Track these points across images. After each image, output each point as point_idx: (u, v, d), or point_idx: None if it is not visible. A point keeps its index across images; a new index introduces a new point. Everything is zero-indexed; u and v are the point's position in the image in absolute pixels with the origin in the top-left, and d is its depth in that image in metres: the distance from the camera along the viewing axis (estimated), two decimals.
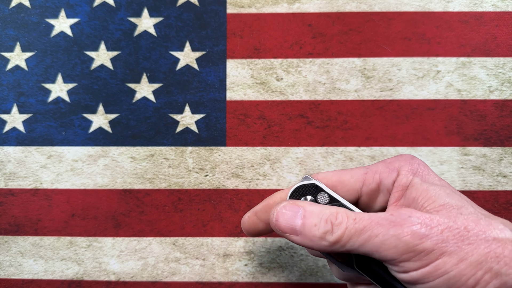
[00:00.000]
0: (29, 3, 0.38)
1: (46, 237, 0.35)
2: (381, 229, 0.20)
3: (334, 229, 0.21)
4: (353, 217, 0.21)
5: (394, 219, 0.20)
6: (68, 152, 0.36)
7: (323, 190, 0.25)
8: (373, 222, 0.21)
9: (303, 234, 0.22)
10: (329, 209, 0.22)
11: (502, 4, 0.36)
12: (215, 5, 0.37)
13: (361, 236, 0.21)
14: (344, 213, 0.22)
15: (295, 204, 0.23)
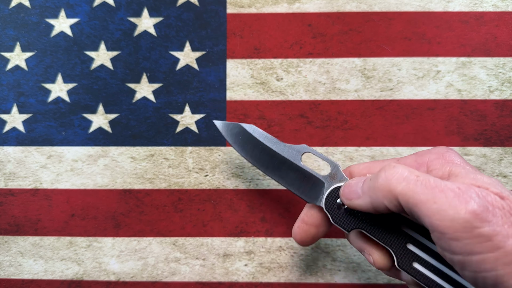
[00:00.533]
0: (29, 3, 0.38)
1: (46, 237, 0.35)
2: (443, 197, 0.19)
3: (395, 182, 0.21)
4: (417, 173, 0.20)
5: (460, 193, 0.19)
6: (68, 152, 0.36)
7: None
8: (436, 187, 0.19)
9: (365, 192, 0.23)
10: (414, 172, 0.22)
11: (502, 4, 0.36)
12: (215, 5, 0.37)
13: (419, 196, 0.19)
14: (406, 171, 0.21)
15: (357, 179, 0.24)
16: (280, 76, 0.36)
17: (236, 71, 0.36)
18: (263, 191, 0.35)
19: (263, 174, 0.35)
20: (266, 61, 0.36)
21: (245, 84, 0.36)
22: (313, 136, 0.35)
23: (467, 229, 0.18)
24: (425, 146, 0.35)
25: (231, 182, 0.35)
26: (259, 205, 0.35)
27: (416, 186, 0.20)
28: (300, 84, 0.36)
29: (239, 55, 0.36)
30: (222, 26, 0.37)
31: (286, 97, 0.36)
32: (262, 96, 0.36)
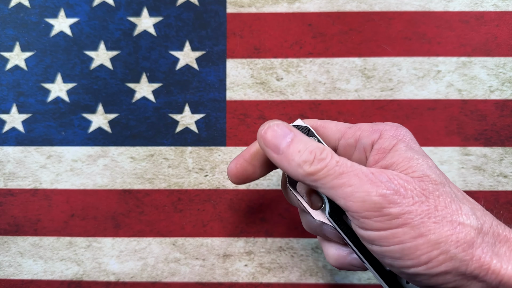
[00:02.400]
0: (28, 3, 0.38)
1: (46, 237, 0.35)
2: (357, 180, 0.21)
3: (315, 162, 0.22)
4: (337, 159, 0.22)
5: (372, 178, 0.21)
6: (67, 152, 0.36)
7: (314, 135, 0.25)
8: (352, 171, 0.21)
9: (284, 155, 0.23)
10: (318, 144, 0.23)
11: (503, 4, 0.36)
12: (215, 4, 0.37)
13: (336, 180, 0.21)
14: (330, 152, 0.22)
15: (288, 127, 0.24)
16: (280, 76, 0.36)
17: (236, 71, 0.36)
18: (263, 191, 0.35)
19: None
20: (266, 61, 0.36)
21: (245, 84, 0.36)
22: None
23: (376, 209, 0.20)
24: (425, 146, 0.35)
25: (231, 182, 0.35)
26: (259, 205, 0.35)
27: (335, 171, 0.21)
28: (300, 84, 0.36)
29: (239, 55, 0.36)
30: (222, 26, 0.37)
31: (286, 97, 0.36)
32: (262, 96, 0.36)
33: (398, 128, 0.24)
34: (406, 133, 0.24)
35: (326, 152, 0.22)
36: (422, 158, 0.22)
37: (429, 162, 0.22)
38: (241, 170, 0.27)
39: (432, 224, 0.20)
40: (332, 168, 0.21)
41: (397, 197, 0.20)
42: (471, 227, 0.20)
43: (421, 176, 0.21)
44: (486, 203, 0.34)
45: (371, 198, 0.20)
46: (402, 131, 0.24)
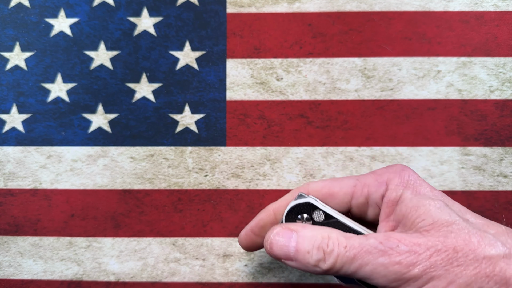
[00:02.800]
0: (28, 3, 0.38)
1: (46, 237, 0.35)
2: (371, 258, 0.21)
3: (326, 257, 0.22)
4: (344, 244, 0.22)
5: (383, 248, 0.21)
6: (67, 152, 0.36)
7: (318, 209, 0.25)
8: (362, 250, 0.21)
9: (298, 261, 0.23)
10: (321, 234, 0.23)
11: (503, 4, 0.36)
12: (215, 4, 0.37)
13: (353, 264, 0.21)
14: (335, 239, 0.22)
15: (288, 228, 0.24)
16: (280, 76, 0.36)
17: (236, 71, 0.36)
18: (263, 191, 0.35)
19: (263, 174, 0.35)
20: (266, 61, 0.36)
21: (245, 84, 0.36)
22: (313, 136, 0.35)
23: (400, 277, 0.20)
24: (425, 146, 0.35)
25: (231, 182, 0.35)
26: (259, 205, 0.35)
27: (347, 257, 0.21)
28: (300, 84, 0.36)
29: (239, 55, 0.36)
30: (222, 26, 0.37)
31: (286, 97, 0.36)
32: (262, 96, 0.36)
33: (401, 173, 0.24)
34: (410, 176, 0.24)
35: (332, 241, 0.22)
36: (429, 202, 0.22)
37: (437, 204, 0.22)
38: (250, 242, 0.28)
39: (456, 268, 0.19)
40: (343, 255, 0.21)
41: (412, 258, 0.20)
42: (498, 256, 0.19)
43: (432, 223, 0.21)
44: (486, 203, 0.34)
45: (389, 270, 0.20)
46: (405, 175, 0.24)
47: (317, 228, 0.23)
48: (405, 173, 0.24)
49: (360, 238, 0.22)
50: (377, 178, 0.24)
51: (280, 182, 0.35)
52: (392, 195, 0.23)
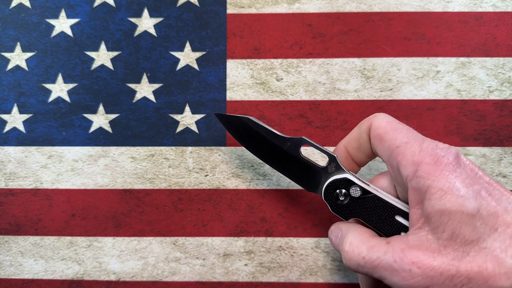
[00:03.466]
0: (29, 3, 0.38)
1: (47, 237, 0.35)
2: (387, 274, 0.22)
3: (360, 265, 0.24)
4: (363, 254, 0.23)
5: (397, 268, 0.21)
6: (68, 152, 0.36)
7: (355, 183, 0.26)
8: (380, 265, 0.22)
9: (345, 259, 0.25)
10: (352, 246, 0.25)
11: (502, 4, 0.36)
12: (215, 5, 0.37)
13: (376, 275, 0.23)
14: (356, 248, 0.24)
15: (337, 228, 0.27)
16: (280, 76, 0.36)
17: (236, 71, 0.36)
18: (263, 191, 0.35)
19: (263, 174, 0.35)
20: (266, 61, 0.36)
21: (245, 84, 0.36)
22: (313, 136, 0.35)
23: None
24: None
25: (231, 182, 0.35)
26: (259, 205, 0.35)
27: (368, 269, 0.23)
28: (300, 84, 0.36)
29: (239, 55, 0.37)
30: (222, 26, 0.37)
31: (286, 97, 0.36)
32: (262, 96, 0.36)
33: (438, 161, 0.22)
34: (449, 159, 0.22)
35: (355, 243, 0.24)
36: (452, 209, 0.21)
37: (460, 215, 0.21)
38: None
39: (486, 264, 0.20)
40: (363, 266, 0.23)
41: (425, 281, 0.20)
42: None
43: (450, 238, 0.21)
44: None
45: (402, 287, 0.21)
46: (444, 160, 0.22)
47: (347, 233, 0.26)
48: (445, 158, 0.22)
49: (380, 249, 0.23)
50: (413, 155, 0.23)
51: (280, 182, 0.35)
52: (419, 183, 0.22)
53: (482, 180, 0.21)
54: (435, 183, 0.21)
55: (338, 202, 0.27)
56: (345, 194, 0.27)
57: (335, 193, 0.27)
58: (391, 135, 0.24)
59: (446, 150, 0.22)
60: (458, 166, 0.22)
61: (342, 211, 0.27)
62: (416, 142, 0.23)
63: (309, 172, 0.29)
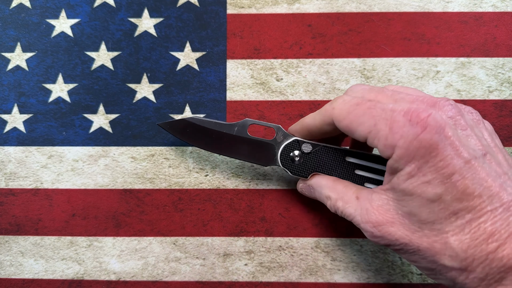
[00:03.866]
0: (29, 4, 0.38)
1: (47, 237, 0.35)
2: (360, 226, 0.26)
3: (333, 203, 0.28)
4: (340, 210, 0.27)
5: (363, 227, 0.25)
6: (68, 152, 0.36)
7: (304, 141, 0.30)
8: (353, 220, 0.26)
9: (320, 200, 0.30)
10: (325, 194, 0.29)
11: (502, 5, 0.36)
12: (215, 5, 0.37)
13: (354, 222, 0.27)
14: (334, 202, 0.28)
15: (306, 184, 0.31)
16: (280, 76, 0.36)
17: (236, 72, 0.36)
18: (263, 191, 0.35)
19: (263, 173, 0.35)
20: (266, 62, 0.36)
21: (245, 84, 0.36)
22: None
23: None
24: None
25: (231, 182, 0.35)
26: (259, 205, 0.35)
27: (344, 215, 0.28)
28: (300, 84, 0.36)
29: (239, 56, 0.37)
30: (222, 26, 0.37)
31: (286, 97, 0.36)
32: (262, 96, 0.36)
33: (410, 147, 0.21)
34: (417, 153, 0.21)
35: (334, 198, 0.28)
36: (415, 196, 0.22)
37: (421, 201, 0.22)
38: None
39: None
40: (341, 213, 0.28)
41: (386, 241, 0.24)
42: None
43: (407, 213, 0.23)
44: None
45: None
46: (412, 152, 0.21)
47: (324, 186, 0.29)
48: (417, 141, 0.21)
49: (352, 205, 0.26)
50: (388, 138, 0.22)
51: (280, 182, 0.35)
52: (394, 165, 0.22)
53: (462, 161, 0.21)
54: (406, 167, 0.22)
55: (295, 163, 0.30)
56: (298, 154, 0.30)
57: (290, 156, 0.30)
58: (358, 122, 0.24)
59: (415, 128, 0.21)
60: (432, 149, 0.21)
61: (300, 170, 0.30)
62: (384, 122, 0.22)
63: (262, 148, 0.31)
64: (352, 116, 0.24)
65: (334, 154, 0.29)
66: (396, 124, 0.22)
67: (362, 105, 0.24)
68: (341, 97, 0.26)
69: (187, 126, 0.32)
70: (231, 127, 0.32)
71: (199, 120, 0.32)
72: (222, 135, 0.32)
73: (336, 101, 0.26)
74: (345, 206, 0.26)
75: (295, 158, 0.30)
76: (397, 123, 0.22)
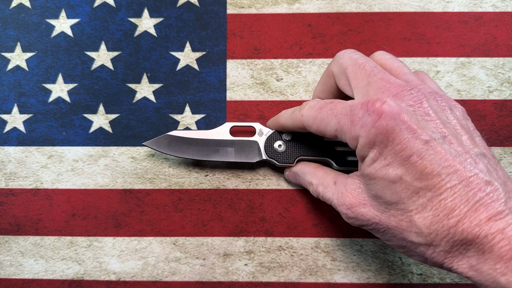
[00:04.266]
0: (29, 4, 0.38)
1: (47, 237, 0.35)
2: (337, 209, 0.27)
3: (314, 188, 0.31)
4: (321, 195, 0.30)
5: (340, 210, 0.27)
6: (68, 152, 0.36)
7: (284, 132, 0.33)
8: (332, 203, 0.28)
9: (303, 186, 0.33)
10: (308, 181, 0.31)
11: (502, 5, 0.36)
12: (215, 5, 0.37)
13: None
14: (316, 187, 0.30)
15: (290, 171, 0.33)
16: (280, 76, 0.36)
17: (236, 72, 0.36)
18: (263, 191, 0.35)
19: (263, 173, 0.35)
20: (266, 62, 0.36)
21: (245, 84, 0.36)
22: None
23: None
24: None
25: (231, 182, 0.35)
26: (259, 205, 0.35)
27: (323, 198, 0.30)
28: (300, 84, 0.36)
29: (239, 56, 0.37)
30: (222, 26, 0.37)
31: (286, 97, 0.36)
32: (262, 96, 0.36)
33: (370, 140, 0.23)
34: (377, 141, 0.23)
35: (315, 184, 0.30)
36: (377, 180, 0.23)
37: (383, 183, 0.23)
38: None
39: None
40: (321, 196, 0.30)
41: (360, 222, 0.26)
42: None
43: (374, 196, 0.25)
44: None
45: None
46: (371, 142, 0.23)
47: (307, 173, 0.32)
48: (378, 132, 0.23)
49: (330, 190, 0.28)
50: (351, 130, 0.24)
51: (280, 182, 0.35)
52: (359, 153, 0.24)
53: (420, 142, 0.22)
54: (370, 153, 0.23)
55: (279, 152, 0.33)
56: (281, 143, 0.33)
57: (273, 147, 0.33)
58: (324, 124, 0.26)
59: (372, 116, 0.23)
60: (389, 134, 0.22)
61: (285, 158, 0.33)
62: (345, 118, 0.24)
63: (246, 147, 0.33)
64: (319, 120, 0.26)
65: (313, 137, 0.32)
66: (355, 116, 0.24)
67: (324, 107, 0.26)
68: (308, 103, 0.28)
69: (172, 140, 0.34)
70: (214, 132, 0.34)
71: (182, 132, 0.34)
72: (207, 142, 0.33)
73: (303, 107, 0.28)
74: (325, 191, 0.29)
75: (278, 148, 0.33)
76: (356, 115, 0.24)
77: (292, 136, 0.33)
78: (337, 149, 0.32)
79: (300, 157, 0.33)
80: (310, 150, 0.32)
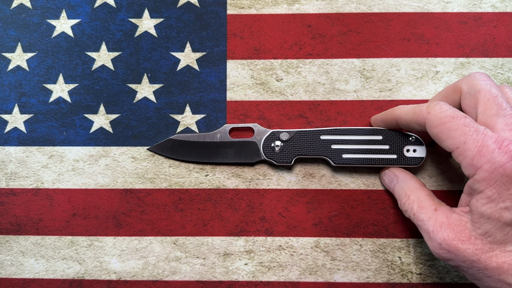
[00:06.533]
0: (30, 4, 0.38)
1: (47, 237, 0.35)
2: (424, 234, 0.27)
3: (408, 211, 0.30)
4: (414, 212, 0.29)
5: (432, 237, 0.26)
6: (69, 152, 0.36)
7: (282, 132, 0.34)
8: (421, 227, 0.28)
9: (395, 194, 0.32)
10: (406, 191, 0.31)
11: (501, 5, 0.36)
12: (216, 6, 0.37)
13: (419, 229, 0.28)
14: (412, 202, 0.30)
15: (392, 173, 0.33)
16: (280, 76, 0.36)
17: (236, 72, 0.37)
18: (263, 191, 0.35)
19: (263, 173, 0.35)
20: (266, 62, 0.37)
21: (245, 85, 0.36)
22: None
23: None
24: None
25: (231, 181, 0.35)
26: (259, 204, 0.35)
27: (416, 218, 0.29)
28: (299, 84, 0.36)
29: (239, 56, 0.37)
30: (222, 27, 0.37)
31: (286, 98, 0.36)
32: (262, 97, 0.36)
33: (495, 171, 0.23)
34: (499, 179, 0.23)
35: (412, 199, 0.29)
36: (491, 220, 0.24)
37: (497, 224, 0.23)
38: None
39: None
40: (412, 218, 0.29)
41: (451, 256, 0.26)
42: None
43: (482, 234, 0.24)
44: None
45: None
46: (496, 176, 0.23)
47: (409, 185, 0.31)
48: (502, 169, 0.23)
49: (427, 213, 0.27)
50: (474, 159, 0.24)
51: (280, 182, 0.35)
52: (474, 185, 0.24)
53: None
54: (487, 190, 0.23)
55: (277, 152, 0.34)
56: (278, 143, 0.34)
57: (271, 147, 0.34)
58: (448, 135, 0.25)
59: (504, 156, 0.23)
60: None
61: (283, 157, 0.34)
62: (474, 143, 0.24)
63: (246, 147, 0.34)
64: (445, 128, 0.25)
65: (309, 136, 0.33)
66: (485, 148, 0.23)
67: (457, 119, 0.25)
68: (439, 104, 0.27)
69: (174, 144, 0.35)
70: (214, 135, 0.35)
71: (183, 136, 0.35)
72: (208, 144, 0.35)
73: (433, 106, 0.27)
74: (421, 211, 0.28)
75: (276, 148, 0.34)
76: (486, 147, 0.23)
77: (289, 136, 0.33)
78: (333, 147, 0.33)
79: (298, 156, 0.33)
80: (307, 148, 0.33)
